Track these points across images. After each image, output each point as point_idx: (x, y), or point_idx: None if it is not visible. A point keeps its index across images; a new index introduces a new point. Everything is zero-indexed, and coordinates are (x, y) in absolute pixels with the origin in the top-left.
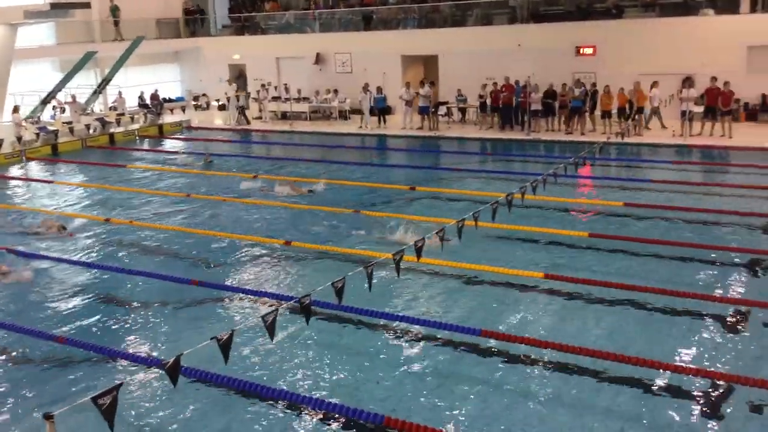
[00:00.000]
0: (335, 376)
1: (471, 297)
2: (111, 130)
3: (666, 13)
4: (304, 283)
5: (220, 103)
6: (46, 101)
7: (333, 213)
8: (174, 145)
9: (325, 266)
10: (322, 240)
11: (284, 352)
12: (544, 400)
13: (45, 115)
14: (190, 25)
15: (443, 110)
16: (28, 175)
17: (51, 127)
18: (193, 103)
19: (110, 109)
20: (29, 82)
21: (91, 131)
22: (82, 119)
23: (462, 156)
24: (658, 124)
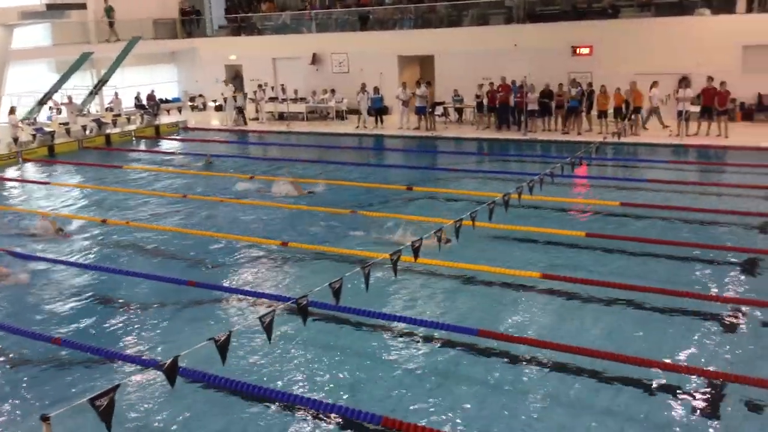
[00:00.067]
0: (333, 376)
1: (468, 297)
2: (107, 131)
3: (662, 12)
4: (301, 284)
5: (217, 103)
6: (42, 102)
7: (330, 213)
8: (171, 145)
9: (323, 267)
10: (319, 240)
11: (282, 353)
12: (543, 400)
13: (41, 117)
14: (187, 26)
15: (440, 110)
16: (25, 176)
17: (47, 128)
18: (190, 103)
19: (107, 110)
20: (25, 83)
21: (87, 132)
22: (79, 120)
23: (459, 156)
24: (658, 124)
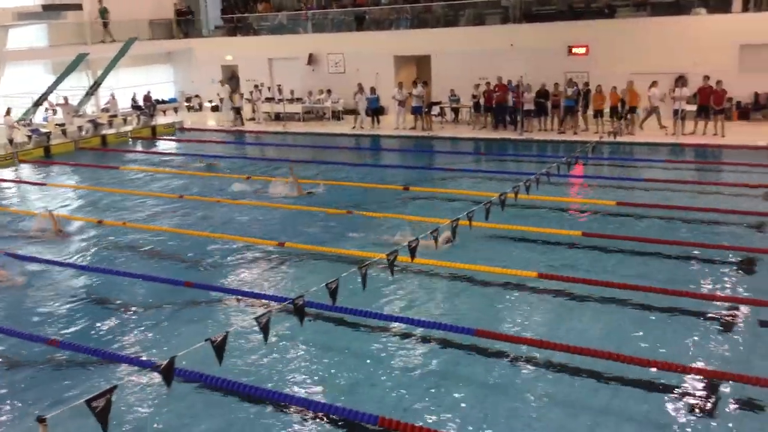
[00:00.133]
0: (330, 377)
1: (466, 297)
2: (103, 131)
3: (658, 12)
4: (298, 284)
5: (213, 104)
6: (38, 103)
7: (327, 214)
8: (167, 146)
9: (319, 267)
10: (316, 241)
11: (279, 354)
12: (541, 399)
13: (37, 117)
14: (183, 26)
15: (436, 110)
16: (21, 177)
17: (43, 129)
18: (186, 104)
19: (103, 110)
20: (21, 84)
21: (83, 133)
22: (75, 121)
23: (455, 156)
24: (655, 124)
